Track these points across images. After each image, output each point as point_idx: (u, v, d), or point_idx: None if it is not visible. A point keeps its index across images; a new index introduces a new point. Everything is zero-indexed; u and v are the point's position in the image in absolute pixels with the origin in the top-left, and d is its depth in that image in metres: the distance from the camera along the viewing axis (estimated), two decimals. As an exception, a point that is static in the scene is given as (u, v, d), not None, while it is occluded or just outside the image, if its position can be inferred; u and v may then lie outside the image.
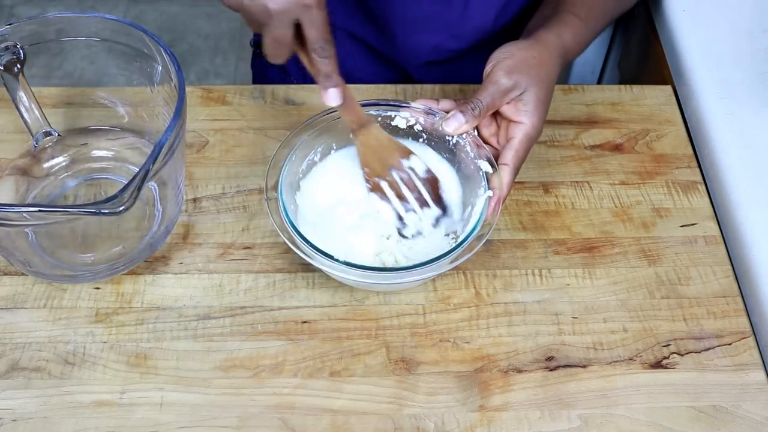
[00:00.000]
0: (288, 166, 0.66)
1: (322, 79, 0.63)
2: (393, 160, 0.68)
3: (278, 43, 0.60)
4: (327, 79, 0.63)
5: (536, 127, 0.67)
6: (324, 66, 0.62)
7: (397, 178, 0.68)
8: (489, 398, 0.63)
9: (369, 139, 0.68)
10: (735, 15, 0.89)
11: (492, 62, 0.68)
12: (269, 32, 0.59)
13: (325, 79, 0.63)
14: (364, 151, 0.68)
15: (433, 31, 0.89)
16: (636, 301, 0.68)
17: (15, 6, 2.20)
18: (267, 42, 0.60)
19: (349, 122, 0.67)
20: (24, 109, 0.71)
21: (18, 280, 0.69)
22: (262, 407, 0.62)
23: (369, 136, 0.68)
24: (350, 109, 0.67)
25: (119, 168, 0.76)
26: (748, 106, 0.80)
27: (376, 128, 0.68)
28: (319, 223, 0.67)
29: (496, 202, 0.64)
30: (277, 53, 0.61)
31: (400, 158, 0.69)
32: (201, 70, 2.07)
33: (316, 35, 0.60)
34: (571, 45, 0.73)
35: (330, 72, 0.63)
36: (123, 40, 0.69)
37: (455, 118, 0.67)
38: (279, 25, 0.58)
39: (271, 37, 0.59)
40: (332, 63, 0.62)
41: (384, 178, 0.68)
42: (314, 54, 0.61)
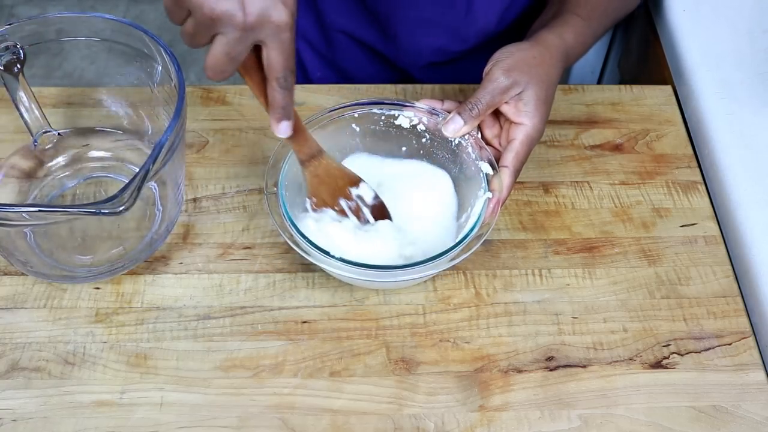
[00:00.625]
0: (288, 165, 0.66)
1: (275, 111, 0.58)
2: (341, 190, 0.67)
3: (229, 60, 0.52)
4: (282, 110, 0.58)
5: (537, 128, 0.67)
6: (282, 98, 0.56)
7: (345, 207, 0.68)
8: (489, 398, 0.63)
9: (318, 170, 0.66)
10: (735, 15, 0.89)
11: (491, 62, 0.68)
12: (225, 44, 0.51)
13: (280, 111, 0.58)
14: (313, 182, 0.66)
15: (435, 32, 0.89)
16: (636, 301, 0.68)
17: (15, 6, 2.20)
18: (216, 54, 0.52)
19: (299, 153, 0.64)
20: (24, 109, 0.71)
21: (18, 280, 0.69)
22: (262, 407, 0.62)
23: (318, 167, 0.66)
24: (301, 141, 0.64)
25: (119, 168, 0.76)
26: (748, 106, 0.80)
27: (326, 158, 0.66)
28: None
29: (495, 203, 0.64)
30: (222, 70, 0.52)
31: (348, 187, 0.68)
32: (201, 70, 2.06)
33: (281, 63, 0.53)
34: (574, 45, 0.73)
35: (287, 104, 0.57)
36: (123, 40, 0.69)
37: (453, 121, 0.67)
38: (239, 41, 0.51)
39: (224, 51, 0.51)
40: (291, 95, 0.57)
41: (332, 208, 0.67)
42: (274, 83, 0.55)
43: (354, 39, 0.94)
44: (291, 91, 0.56)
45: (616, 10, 0.80)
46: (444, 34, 0.89)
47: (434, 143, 0.71)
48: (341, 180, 0.68)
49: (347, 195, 0.68)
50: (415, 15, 0.87)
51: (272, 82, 0.55)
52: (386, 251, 0.66)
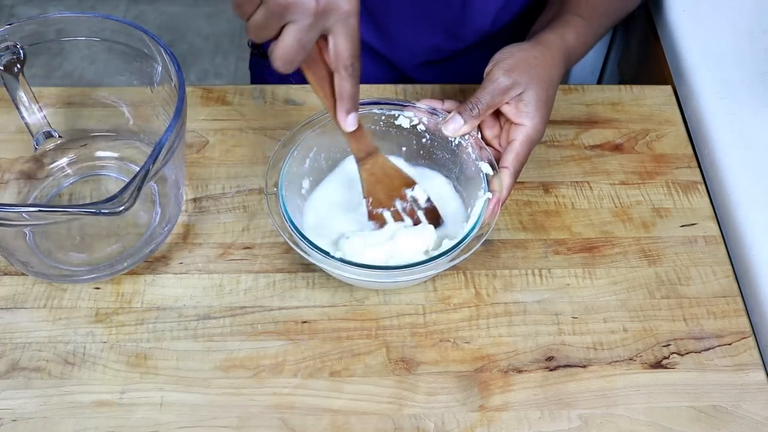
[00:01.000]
0: (288, 165, 0.66)
1: (345, 101, 0.57)
2: (397, 190, 0.67)
3: (300, 48, 0.52)
4: (350, 101, 0.58)
5: (538, 129, 0.67)
6: (350, 87, 0.56)
7: (400, 208, 0.68)
8: (489, 398, 0.63)
9: (375, 168, 0.66)
10: (735, 15, 0.89)
11: (492, 62, 0.68)
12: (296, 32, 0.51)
13: (349, 101, 0.58)
14: (369, 180, 0.66)
15: (431, 31, 0.88)
16: (636, 301, 0.68)
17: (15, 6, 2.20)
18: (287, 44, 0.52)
19: (357, 150, 0.65)
20: (24, 109, 0.71)
21: (18, 280, 0.69)
22: (262, 407, 0.62)
23: (375, 165, 0.66)
24: (360, 137, 0.64)
25: (119, 168, 0.76)
26: (748, 106, 0.80)
27: (382, 157, 0.66)
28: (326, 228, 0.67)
29: (495, 203, 0.64)
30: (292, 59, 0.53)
31: (404, 188, 0.68)
32: (201, 70, 2.07)
33: (349, 50, 0.54)
34: (575, 45, 0.73)
35: (355, 94, 0.57)
36: (123, 40, 0.69)
37: (453, 121, 0.67)
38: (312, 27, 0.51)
39: (295, 39, 0.52)
40: (357, 83, 0.57)
41: (387, 209, 0.67)
42: (343, 71, 0.55)
43: None
44: (358, 80, 0.57)
45: (617, 10, 0.80)
46: (439, 32, 0.89)
47: (434, 143, 0.71)
48: (397, 180, 0.67)
49: (402, 196, 0.68)
50: (411, 13, 0.87)
51: (341, 71, 0.55)
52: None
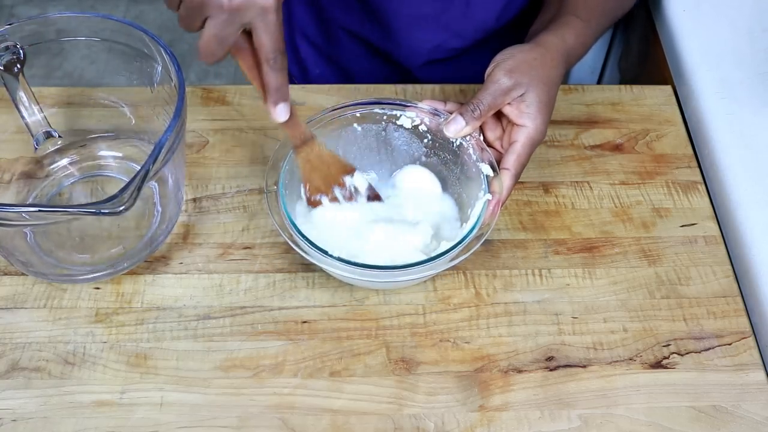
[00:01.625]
0: (288, 165, 0.66)
1: (271, 93, 0.59)
2: (335, 177, 0.68)
3: (218, 42, 0.54)
4: (277, 92, 0.59)
5: (539, 130, 0.67)
6: (276, 79, 0.58)
7: (339, 196, 0.68)
8: (489, 398, 0.63)
9: (311, 155, 0.66)
10: (735, 15, 0.89)
11: (493, 63, 0.68)
12: (213, 27, 0.54)
13: (275, 93, 0.59)
14: (305, 168, 0.67)
15: (434, 29, 0.89)
16: (636, 301, 0.68)
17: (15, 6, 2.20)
18: (206, 37, 0.54)
19: (292, 138, 0.65)
20: (24, 109, 0.71)
21: (18, 280, 0.69)
22: (262, 407, 0.62)
23: (311, 152, 0.66)
24: (294, 125, 0.64)
25: (119, 168, 0.76)
26: (748, 106, 0.80)
27: (318, 145, 0.66)
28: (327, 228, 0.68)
29: (495, 205, 0.64)
30: (212, 52, 0.55)
31: (342, 175, 0.68)
32: (201, 70, 2.07)
33: (270, 44, 0.55)
34: (574, 46, 0.73)
35: (281, 85, 0.59)
36: (123, 40, 0.69)
37: (455, 122, 0.67)
38: (227, 23, 0.53)
39: (213, 33, 0.54)
40: (284, 76, 0.58)
41: (325, 195, 0.68)
42: (266, 65, 0.57)
43: (353, 35, 0.94)
44: (284, 72, 0.58)
45: (614, 10, 0.80)
46: (442, 31, 0.89)
47: (436, 144, 0.71)
48: (334, 167, 0.68)
49: (341, 183, 0.68)
50: (414, 12, 0.87)
51: (264, 65, 0.57)
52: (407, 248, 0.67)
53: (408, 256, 0.64)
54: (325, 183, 0.68)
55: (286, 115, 0.61)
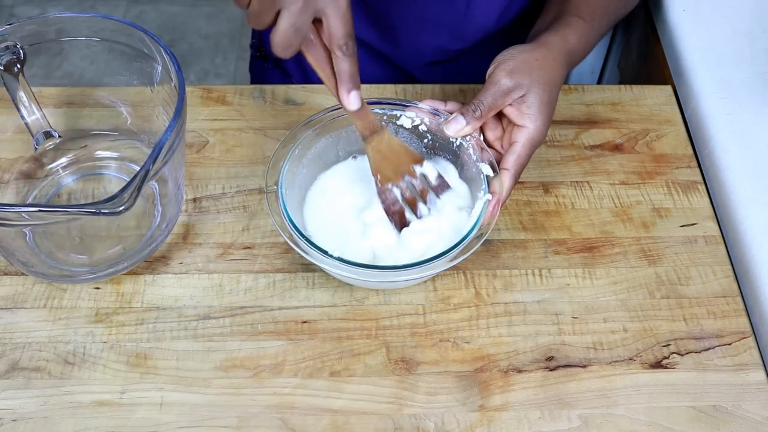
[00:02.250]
0: (288, 164, 0.66)
1: (344, 80, 0.59)
2: (405, 166, 0.67)
3: (295, 32, 0.55)
4: (350, 80, 0.60)
5: (540, 131, 0.67)
6: (348, 66, 0.59)
7: (411, 185, 0.67)
8: (489, 398, 0.63)
9: (381, 145, 0.66)
10: (735, 15, 0.89)
11: (494, 64, 0.68)
12: (289, 17, 0.55)
13: (348, 80, 0.60)
14: (376, 158, 0.66)
15: (435, 31, 0.89)
16: (636, 301, 0.68)
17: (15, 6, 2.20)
18: (282, 29, 0.55)
19: (362, 128, 0.65)
20: (24, 109, 0.71)
21: (18, 280, 0.69)
22: (262, 407, 0.62)
23: (381, 142, 0.66)
24: (365, 115, 0.64)
25: (119, 168, 0.76)
26: (748, 106, 0.80)
27: (388, 134, 0.66)
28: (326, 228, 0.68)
29: (495, 205, 0.64)
30: (289, 43, 0.56)
31: (412, 165, 0.68)
32: (201, 70, 2.07)
33: (341, 30, 0.56)
34: (576, 47, 0.73)
35: (354, 73, 0.59)
36: (123, 40, 0.69)
37: (456, 121, 0.67)
38: (302, 11, 0.54)
39: (289, 23, 0.55)
40: (356, 62, 0.59)
41: (396, 185, 0.67)
42: (338, 51, 0.58)
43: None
44: (355, 58, 0.59)
45: (617, 10, 0.80)
46: (443, 32, 0.89)
47: (436, 144, 0.71)
48: (404, 156, 0.67)
49: (411, 172, 0.67)
50: (415, 14, 0.87)
51: (336, 51, 0.58)
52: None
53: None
54: (396, 173, 0.67)
55: (359, 104, 0.62)
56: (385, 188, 0.67)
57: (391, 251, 0.66)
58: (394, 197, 0.67)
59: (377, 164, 0.67)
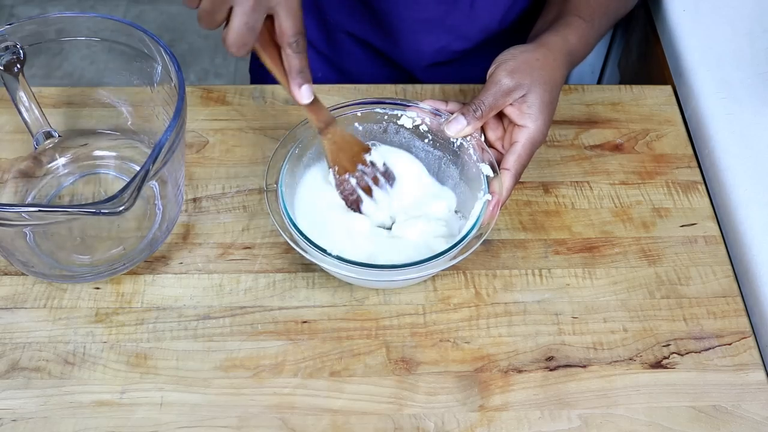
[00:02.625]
0: (288, 164, 0.66)
1: (294, 75, 0.61)
2: (358, 156, 0.69)
3: (248, 30, 0.56)
4: (300, 74, 0.61)
5: (541, 131, 0.67)
6: (298, 61, 0.60)
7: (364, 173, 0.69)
8: (489, 398, 0.63)
9: (336, 137, 0.68)
10: (735, 15, 0.89)
11: (495, 64, 0.68)
12: (242, 15, 0.55)
13: (298, 75, 0.61)
14: (332, 150, 0.68)
15: (438, 32, 0.88)
16: (636, 301, 0.68)
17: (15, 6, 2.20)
18: (235, 27, 0.56)
19: (317, 121, 0.66)
20: (24, 109, 0.71)
21: (18, 280, 0.69)
22: (262, 407, 0.62)
23: (335, 134, 0.68)
24: (318, 108, 0.66)
25: (119, 168, 0.76)
26: (748, 106, 0.80)
27: (340, 127, 0.68)
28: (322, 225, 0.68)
29: (495, 205, 0.64)
30: (243, 42, 0.57)
31: (363, 153, 0.69)
32: (201, 70, 2.07)
33: (291, 28, 0.58)
34: (577, 47, 0.73)
35: (304, 67, 0.61)
36: (123, 40, 0.69)
37: (457, 121, 0.67)
38: (254, 9, 0.55)
39: (243, 22, 0.56)
40: (305, 58, 0.60)
41: (352, 174, 0.69)
42: (288, 49, 0.59)
43: (357, 39, 0.94)
44: (304, 54, 0.60)
45: (617, 10, 0.80)
46: (446, 33, 0.89)
47: (436, 144, 0.71)
48: (356, 147, 0.69)
49: (363, 161, 0.69)
50: (418, 15, 0.87)
51: (286, 49, 0.59)
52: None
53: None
54: (351, 163, 0.69)
55: (310, 97, 0.63)
56: (342, 179, 0.69)
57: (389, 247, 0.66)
58: (351, 187, 0.69)
59: (334, 156, 0.68)
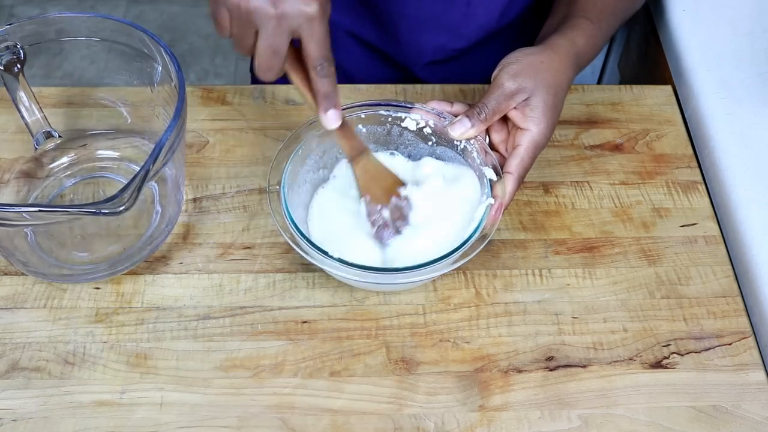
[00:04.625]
0: (291, 165, 0.66)
1: (321, 100, 0.61)
2: (392, 188, 0.68)
3: (274, 54, 0.57)
4: (326, 99, 0.61)
5: (544, 134, 0.67)
6: (324, 86, 0.60)
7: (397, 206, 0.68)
8: (489, 398, 0.63)
9: (368, 165, 0.67)
10: (735, 15, 0.89)
11: (499, 66, 0.68)
12: (266, 38, 0.56)
13: (325, 100, 0.61)
14: (363, 178, 0.67)
15: (436, 30, 0.89)
16: (636, 301, 0.68)
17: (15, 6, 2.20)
18: (261, 50, 0.57)
19: (348, 148, 0.66)
20: (24, 109, 0.71)
21: (18, 280, 0.69)
22: (262, 407, 0.62)
23: (368, 163, 0.67)
24: (349, 135, 0.65)
25: (119, 168, 0.76)
26: (748, 106, 0.80)
27: (373, 156, 0.67)
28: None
29: (497, 209, 0.64)
30: (270, 65, 0.57)
31: (397, 187, 0.68)
32: (201, 70, 2.07)
33: (317, 52, 0.57)
34: (584, 49, 0.72)
35: (330, 93, 0.60)
36: (123, 40, 0.69)
37: (461, 123, 0.67)
38: (278, 31, 0.55)
39: (267, 44, 0.56)
40: (332, 83, 0.60)
41: (386, 206, 0.67)
42: (313, 72, 0.58)
43: (355, 37, 0.94)
44: (332, 79, 0.60)
45: (624, 11, 0.80)
46: (444, 31, 0.89)
47: (440, 147, 0.71)
48: (390, 179, 0.68)
49: (397, 194, 0.68)
50: (416, 13, 0.87)
51: (312, 72, 0.59)
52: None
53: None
54: (384, 194, 0.67)
55: (337, 122, 0.62)
56: (374, 209, 0.67)
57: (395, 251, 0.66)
58: (383, 219, 0.67)
59: (366, 185, 0.67)
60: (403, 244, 0.67)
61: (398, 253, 0.66)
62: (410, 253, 0.66)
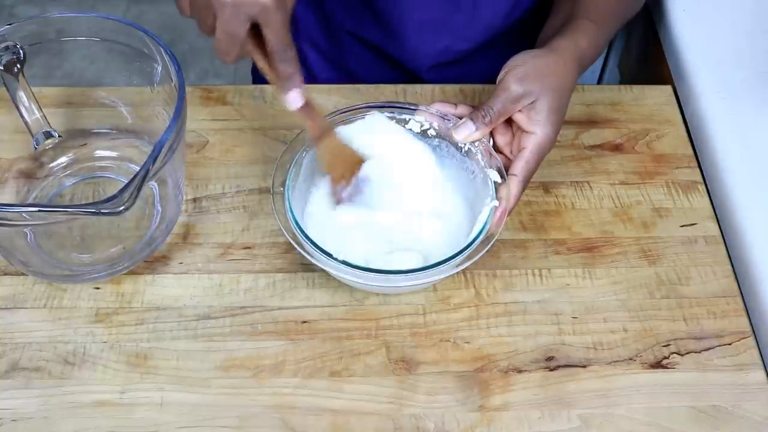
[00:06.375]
0: (295, 167, 0.66)
1: (282, 82, 0.61)
2: (355, 166, 0.68)
3: (230, 39, 0.57)
4: (288, 80, 0.61)
5: (549, 138, 0.67)
6: (284, 68, 0.60)
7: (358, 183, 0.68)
8: (489, 398, 0.63)
9: (331, 145, 0.67)
10: (735, 15, 0.89)
11: (505, 69, 0.68)
12: (221, 23, 0.56)
13: (286, 81, 0.61)
14: (327, 158, 0.67)
15: (441, 33, 0.88)
16: (636, 301, 0.68)
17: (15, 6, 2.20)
18: (217, 35, 0.57)
19: (312, 129, 0.66)
20: (24, 109, 0.71)
21: (18, 280, 0.69)
22: (262, 407, 0.62)
23: (331, 143, 0.67)
24: (313, 116, 0.65)
25: (119, 168, 0.76)
26: (748, 106, 0.80)
27: (336, 135, 0.67)
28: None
29: (502, 212, 0.64)
30: (227, 49, 0.58)
31: (359, 164, 0.68)
32: (201, 70, 2.06)
33: (274, 39, 0.58)
34: (587, 50, 0.72)
35: (291, 73, 0.61)
36: (123, 40, 0.69)
37: (465, 126, 0.67)
38: (233, 19, 0.56)
39: (222, 29, 0.56)
40: (292, 65, 0.60)
41: (347, 184, 0.68)
42: (274, 56, 0.59)
43: (361, 40, 0.94)
44: (293, 62, 0.60)
45: (626, 12, 0.80)
46: (449, 34, 0.89)
47: (444, 149, 0.71)
48: (352, 157, 0.68)
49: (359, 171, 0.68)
50: (422, 16, 0.86)
51: (273, 56, 0.59)
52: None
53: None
54: (348, 172, 0.68)
55: (299, 102, 0.63)
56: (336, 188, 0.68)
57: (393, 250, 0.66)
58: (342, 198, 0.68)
59: (330, 164, 0.68)
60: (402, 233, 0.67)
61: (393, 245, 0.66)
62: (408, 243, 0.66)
